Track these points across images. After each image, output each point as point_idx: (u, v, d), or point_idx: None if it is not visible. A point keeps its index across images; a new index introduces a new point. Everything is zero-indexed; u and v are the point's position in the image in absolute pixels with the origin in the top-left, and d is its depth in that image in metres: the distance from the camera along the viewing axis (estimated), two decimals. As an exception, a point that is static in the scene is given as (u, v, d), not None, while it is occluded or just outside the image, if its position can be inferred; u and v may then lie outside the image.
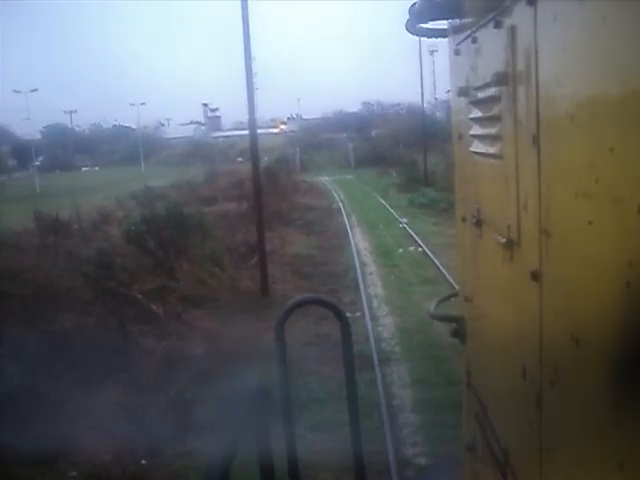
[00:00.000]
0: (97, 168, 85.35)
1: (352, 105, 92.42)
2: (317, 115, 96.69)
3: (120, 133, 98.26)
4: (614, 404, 1.16)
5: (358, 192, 38.27)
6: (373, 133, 70.15)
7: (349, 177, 50.39)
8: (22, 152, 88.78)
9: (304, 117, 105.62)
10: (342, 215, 28.02)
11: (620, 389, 1.14)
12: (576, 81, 1.33)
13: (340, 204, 32.41)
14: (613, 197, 1.14)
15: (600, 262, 1.21)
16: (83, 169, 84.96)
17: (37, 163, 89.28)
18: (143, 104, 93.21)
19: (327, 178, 50.86)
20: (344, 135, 74.54)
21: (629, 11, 1.08)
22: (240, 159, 73.43)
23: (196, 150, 76.79)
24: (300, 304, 3.41)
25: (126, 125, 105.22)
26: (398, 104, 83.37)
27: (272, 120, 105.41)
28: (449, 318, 3.21)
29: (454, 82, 2.74)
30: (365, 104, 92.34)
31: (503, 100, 1.90)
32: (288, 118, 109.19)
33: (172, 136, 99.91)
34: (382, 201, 31.55)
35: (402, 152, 53.87)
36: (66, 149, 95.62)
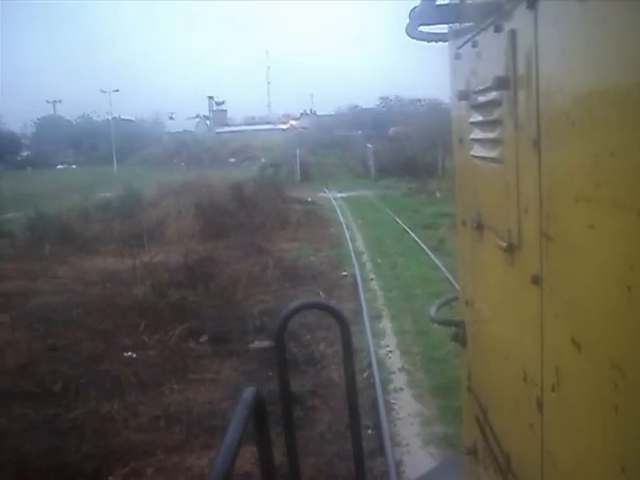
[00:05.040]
0: (74, 166, 69.86)
1: (369, 100, 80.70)
2: (332, 111, 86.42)
3: (114, 126, 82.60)
4: (615, 408, 1.10)
5: (388, 232, 21.05)
6: (391, 131, 55.12)
7: (368, 194, 33.21)
8: (7, 146, 74.96)
9: (318, 113, 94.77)
10: (363, 326, 11.27)
11: (621, 394, 1.09)
12: (577, 85, 1.27)
13: (356, 269, 15.49)
14: (614, 201, 1.10)
15: (601, 266, 1.17)
16: (58, 167, 69.41)
17: (18, 158, 77.25)
18: (116, 91, 76.51)
19: (337, 195, 34.01)
20: (359, 133, 61.91)
21: (630, 14, 1.03)
22: (232, 160, 57.53)
23: (182, 148, 60.47)
24: (300, 309, 3.35)
25: (125, 118, 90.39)
26: (419, 100, 72.57)
27: (285, 115, 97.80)
28: (450, 322, 3.01)
29: (454, 86, 2.62)
30: (383, 99, 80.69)
31: (504, 104, 1.81)
32: (301, 114, 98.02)
33: (175, 130, 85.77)
34: (439, 265, 14.74)
35: (439, 158, 37.18)
36: (58, 144, 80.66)
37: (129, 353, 10.75)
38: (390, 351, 9.95)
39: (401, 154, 41.04)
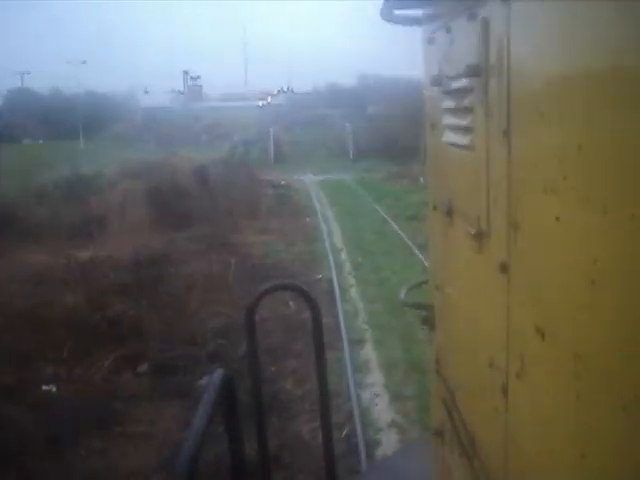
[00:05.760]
0: (41, 141, 66.26)
1: (347, 79, 79.20)
2: (309, 88, 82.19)
3: (86, 100, 79.07)
4: (577, 397, 1.13)
5: (369, 224, 18.58)
6: (369, 110, 53.23)
7: (346, 178, 30.74)
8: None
9: (295, 91, 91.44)
10: (342, 354, 8.96)
11: (582, 383, 1.11)
12: (546, 77, 1.27)
13: (333, 271, 13.17)
14: (580, 195, 1.10)
15: (566, 259, 1.17)
16: (24, 142, 65.77)
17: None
18: (83, 62, 72.59)
19: (313, 178, 31.59)
20: (337, 111, 57.90)
21: (601, 8, 1.02)
22: (205, 137, 54.56)
23: (153, 124, 57.33)
24: (270, 291, 3.39)
25: (97, 91, 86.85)
26: (398, 79, 65.23)
27: (262, 92, 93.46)
28: (419, 306, 2.99)
29: (427, 71, 2.57)
30: (361, 78, 76.78)
31: (475, 92, 1.77)
32: (278, 91, 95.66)
33: (150, 105, 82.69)
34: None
35: (422, 141, 34.76)
36: (26, 117, 76.84)
37: (48, 386, 8.45)
38: (377, 395, 7.69)
39: (381, 135, 38.52)
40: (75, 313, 10.14)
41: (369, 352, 8.99)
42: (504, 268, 1.51)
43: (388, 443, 6.62)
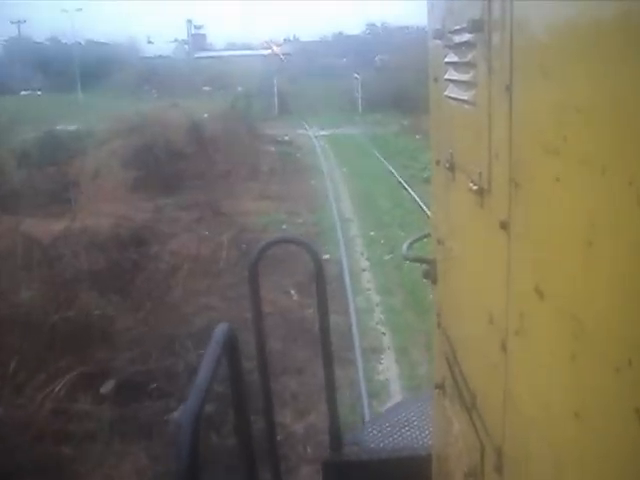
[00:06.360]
0: (39, 92, 63.91)
1: (354, 27, 78.81)
2: (316, 38, 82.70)
3: (86, 49, 76.34)
4: (572, 357, 1.11)
5: (381, 188, 16.34)
6: (377, 59, 52.65)
7: (355, 133, 28.40)
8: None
9: (302, 40, 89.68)
10: (355, 369, 7.02)
11: (578, 344, 1.08)
12: (549, 35, 1.21)
13: (342, 250, 11.19)
14: (579, 157, 1.07)
15: (565, 220, 1.14)
16: (22, 93, 63.51)
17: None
18: (79, 10, 69.10)
19: (319, 132, 29.30)
20: (344, 60, 58.31)
21: None
22: (207, 88, 52.24)
23: (154, 75, 54.85)
24: (273, 244, 3.38)
25: (98, 41, 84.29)
26: (406, 27, 67.92)
27: (267, 42, 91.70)
28: (421, 260, 2.92)
29: (430, 24, 2.44)
30: (369, 26, 78.26)
31: (478, 47, 1.69)
32: (285, 40, 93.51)
33: (154, 55, 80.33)
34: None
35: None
36: (25, 68, 74.43)
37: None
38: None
39: (391, 86, 35.93)
40: (31, 313, 8.27)
41: (389, 365, 7.13)
42: (505, 225, 1.45)
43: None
